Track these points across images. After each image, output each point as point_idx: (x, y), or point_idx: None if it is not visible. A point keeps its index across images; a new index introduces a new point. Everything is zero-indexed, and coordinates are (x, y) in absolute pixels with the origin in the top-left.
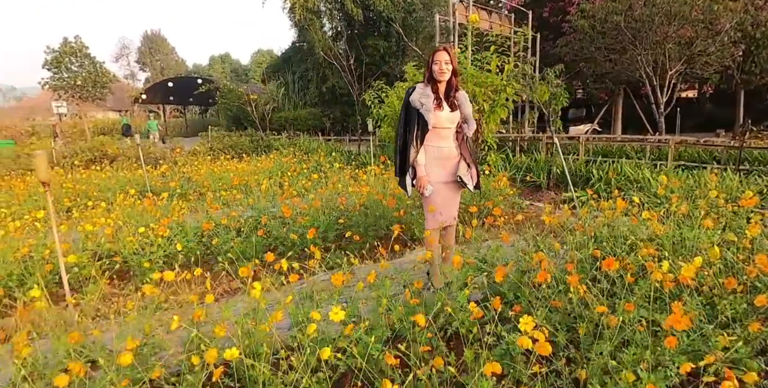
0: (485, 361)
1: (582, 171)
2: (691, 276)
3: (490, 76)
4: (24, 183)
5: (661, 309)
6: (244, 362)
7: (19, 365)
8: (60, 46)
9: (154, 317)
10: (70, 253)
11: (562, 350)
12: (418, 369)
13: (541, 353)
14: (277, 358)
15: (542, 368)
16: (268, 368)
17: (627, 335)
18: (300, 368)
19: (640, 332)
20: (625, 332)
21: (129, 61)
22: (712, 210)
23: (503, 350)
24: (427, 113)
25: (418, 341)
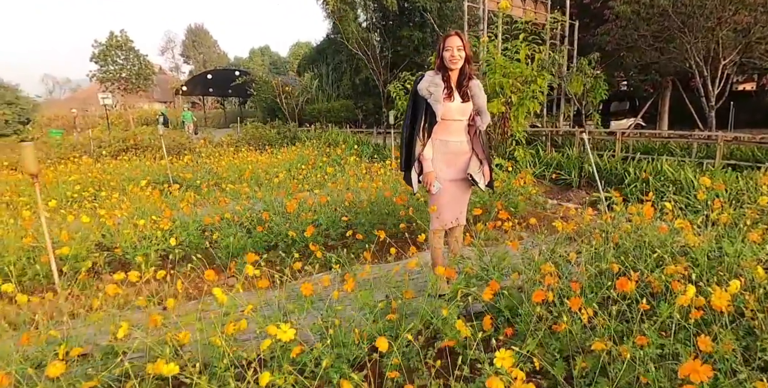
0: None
1: (618, 169)
2: (725, 305)
3: (519, 66)
4: (54, 172)
5: (686, 339)
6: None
7: None
8: (107, 40)
9: (121, 318)
10: (74, 243)
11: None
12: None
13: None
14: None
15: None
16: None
17: (638, 371)
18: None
19: (653, 371)
20: (635, 369)
21: (174, 54)
22: (762, 219)
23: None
24: (436, 104)
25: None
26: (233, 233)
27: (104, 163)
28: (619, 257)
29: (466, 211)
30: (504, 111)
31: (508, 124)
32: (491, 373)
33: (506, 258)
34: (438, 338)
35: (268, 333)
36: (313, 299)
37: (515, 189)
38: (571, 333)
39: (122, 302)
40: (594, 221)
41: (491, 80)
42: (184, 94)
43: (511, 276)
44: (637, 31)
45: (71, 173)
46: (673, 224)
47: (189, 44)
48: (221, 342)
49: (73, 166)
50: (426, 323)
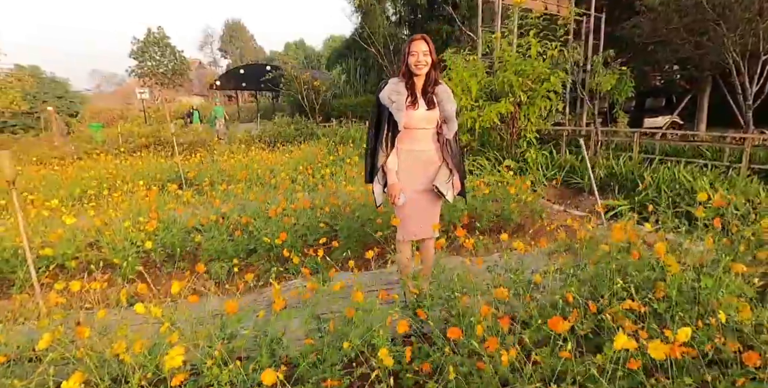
0: None
1: (634, 174)
2: (661, 356)
3: (531, 63)
4: (74, 168)
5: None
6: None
7: None
8: (144, 37)
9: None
10: (62, 244)
11: None
12: None
13: None
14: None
15: None
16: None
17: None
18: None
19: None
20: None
21: (212, 48)
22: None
23: None
24: (398, 112)
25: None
26: (215, 236)
27: (122, 160)
28: (588, 282)
29: (438, 221)
30: (513, 111)
31: (517, 125)
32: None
33: (466, 276)
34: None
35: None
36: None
37: (510, 196)
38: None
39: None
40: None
41: (500, 79)
42: (218, 88)
43: (455, 301)
44: (669, 24)
45: (90, 169)
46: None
47: (227, 39)
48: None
49: (92, 162)
50: (358, 347)
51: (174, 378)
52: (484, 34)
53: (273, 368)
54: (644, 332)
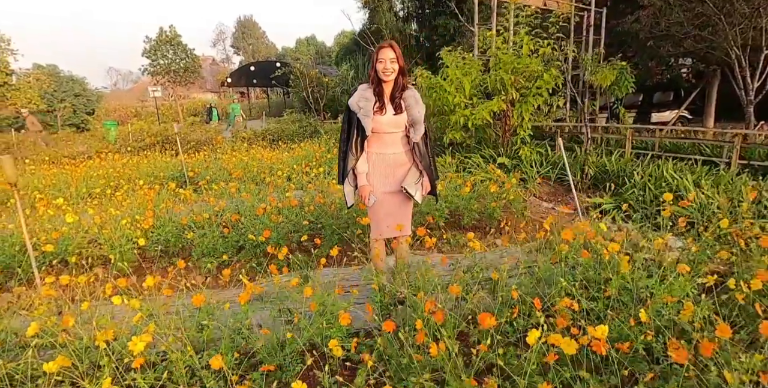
0: None
1: (625, 171)
2: (572, 351)
3: (524, 61)
4: (84, 167)
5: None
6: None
7: None
8: (156, 36)
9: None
10: (64, 241)
11: None
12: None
13: None
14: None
15: None
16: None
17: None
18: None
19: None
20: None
21: (225, 45)
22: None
23: None
24: (365, 118)
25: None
26: (206, 233)
27: (128, 159)
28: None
29: (410, 220)
30: (506, 109)
31: (509, 123)
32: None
33: (429, 273)
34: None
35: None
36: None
37: (492, 194)
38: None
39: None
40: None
41: (492, 77)
42: (229, 85)
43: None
44: (668, 18)
45: (98, 168)
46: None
47: (239, 36)
48: (103, 346)
49: (99, 161)
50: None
51: (135, 361)
52: (481, 30)
53: (230, 355)
54: (576, 329)
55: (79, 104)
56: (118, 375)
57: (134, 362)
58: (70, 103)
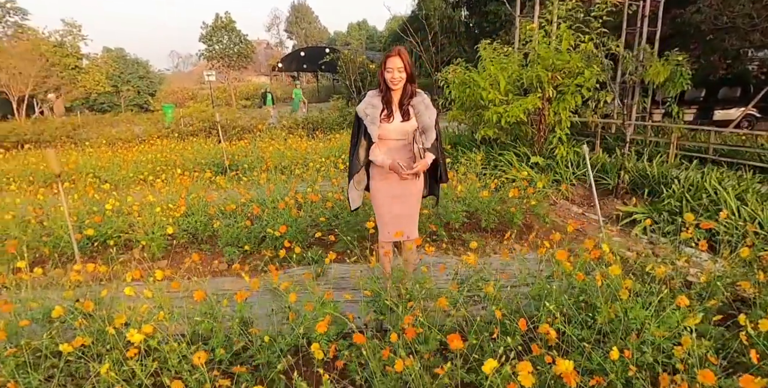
0: None
1: (666, 177)
2: (528, 385)
3: (563, 57)
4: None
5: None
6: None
7: None
8: (212, 22)
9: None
10: (104, 225)
11: None
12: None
13: None
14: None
15: None
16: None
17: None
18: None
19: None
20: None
21: (279, 30)
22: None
23: None
24: (371, 125)
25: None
26: (231, 223)
27: (175, 144)
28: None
29: (417, 224)
30: (541, 107)
31: (545, 121)
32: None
33: (427, 281)
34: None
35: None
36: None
37: (512, 198)
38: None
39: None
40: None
41: (528, 73)
42: (279, 70)
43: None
44: (732, 10)
45: (147, 153)
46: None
47: (292, 20)
48: (113, 331)
49: (147, 146)
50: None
51: (129, 351)
52: (524, 22)
53: (219, 350)
54: (549, 357)
55: (142, 86)
56: (121, 360)
57: (129, 351)
58: (135, 85)
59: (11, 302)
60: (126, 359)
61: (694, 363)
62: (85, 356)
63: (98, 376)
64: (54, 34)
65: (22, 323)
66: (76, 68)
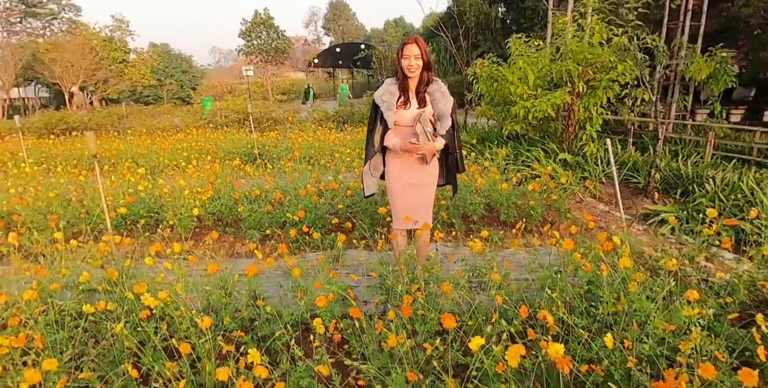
0: None
1: (701, 177)
2: (514, 364)
3: (595, 51)
4: (170, 140)
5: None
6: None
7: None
8: (252, 18)
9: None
10: (137, 205)
11: None
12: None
13: None
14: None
15: None
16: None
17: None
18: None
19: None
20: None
21: (317, 26)
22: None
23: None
24: (387, 112)
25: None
26: (254, 208)
27: (210, 134)
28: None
29: (431, 213)
30: (570, 102)
31: (574, 116)
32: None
33: (435, 267)
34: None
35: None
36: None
37: (532, 192)
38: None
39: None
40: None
41: (558, 67)
42: (315, 65)
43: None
44: None
45: (183, 142)
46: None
47: (330, 17)
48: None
49: (185, 135)
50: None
51: (142, 312)
52: (557, 16)
53: (228, 318)
54: (544, 342)
55: (185, 80)
56: (137, 322)
57: (142, 312)
58: (177, 79)
59: (46, 268)
60: (141, 321)
61: (698, 359)
62: (106, 319)
63: (114, 336)
64: (104, 29)
65: (52, 286)
66: (123, 62)
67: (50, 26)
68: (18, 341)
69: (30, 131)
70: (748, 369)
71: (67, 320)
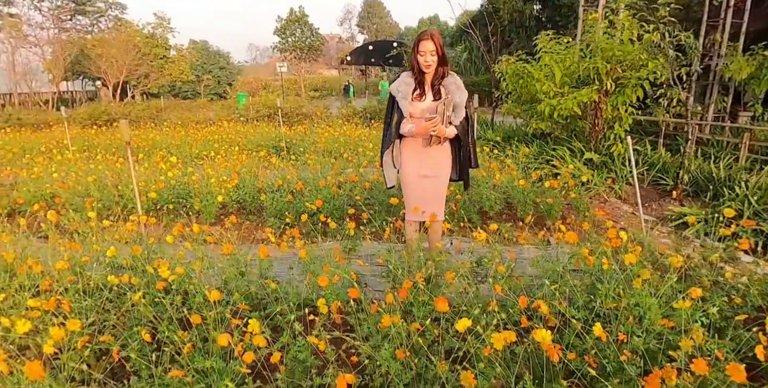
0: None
1: (733, 179)
2: (499, 347)
3: (626, 48)
4: (203, 132)
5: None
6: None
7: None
8: (287, 16)
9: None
10: (165, 191)
11: None
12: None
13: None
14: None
15: None
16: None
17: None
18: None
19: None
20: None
21: (351, 24)
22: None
23: None
24: (402, 101)
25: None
26: (275, 197)
27: (241, 127)
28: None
29: (443, 206)
30: (597, 100)
31: (601, 115)
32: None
33: (440, 256)
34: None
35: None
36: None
37: (549, 190)
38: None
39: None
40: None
41: (585, 64)
42: (348, 63)
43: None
44: None
45: (215, 134)
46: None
47: (364, 15)
48: (152, 270)
49: (217, 128)
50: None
51: (158, 284)
52: (588, 12)
53: (237, 294)
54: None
55: (222, 76)
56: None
57: (158, 284)
58: (215, 75)
59: (78, 244)
60: (158, 293)
61: (695, 355)
62: (129, 290)
63: (134, 305)
64: (147, 26)
65: (83, 259)
66: (164, 58)
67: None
68: (49, 304)
69: (75, 122)
70: (735, 364)
71: (93, 289)
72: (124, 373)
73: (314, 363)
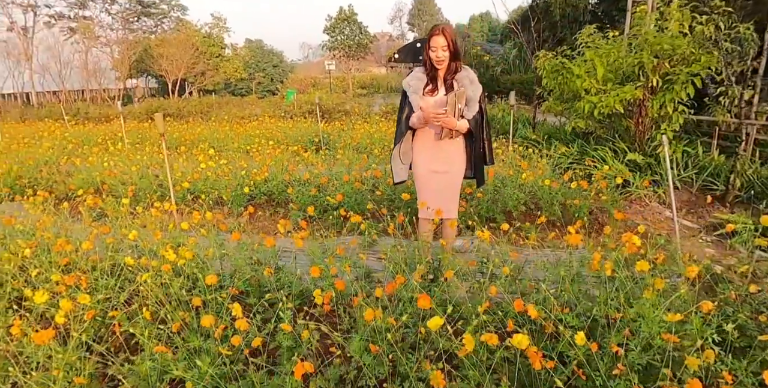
0: None
1: None
2: (470, 347)
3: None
4: (245, 127)
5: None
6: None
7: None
8: (336, 14)
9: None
10: (199, 182)
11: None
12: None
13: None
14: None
15: None
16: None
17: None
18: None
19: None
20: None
21: (401, 22)
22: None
23: None
24: (413, 95)
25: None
26: (301, 191)
27: (283, 123)
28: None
29: (456, 203)
30: (641, 97)
31: (645, 113)
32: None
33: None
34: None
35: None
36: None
37: (574, 191)
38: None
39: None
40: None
41: (629, 59)
42: (395, 61)
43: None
44: None
45: (257, 129)
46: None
47: (415, 13)
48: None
49: (259, 124)
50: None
51: (164, 266)
52: (636, 5)
53: (239, 281)
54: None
55: (275, 74)
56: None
57: (164, 266)
58: (268, 73)
59: (109, 226)
60: (164, 274)
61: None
62: (143, 271)
63: (145, 284)
64: (204, 26)
65: (108, 240)
66: (219, 56)
67: (161, 24)
68: (69, 279)
69: (132, 116)
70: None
71: (116, 269)
72: (129, 347)
73: (300, 351)
